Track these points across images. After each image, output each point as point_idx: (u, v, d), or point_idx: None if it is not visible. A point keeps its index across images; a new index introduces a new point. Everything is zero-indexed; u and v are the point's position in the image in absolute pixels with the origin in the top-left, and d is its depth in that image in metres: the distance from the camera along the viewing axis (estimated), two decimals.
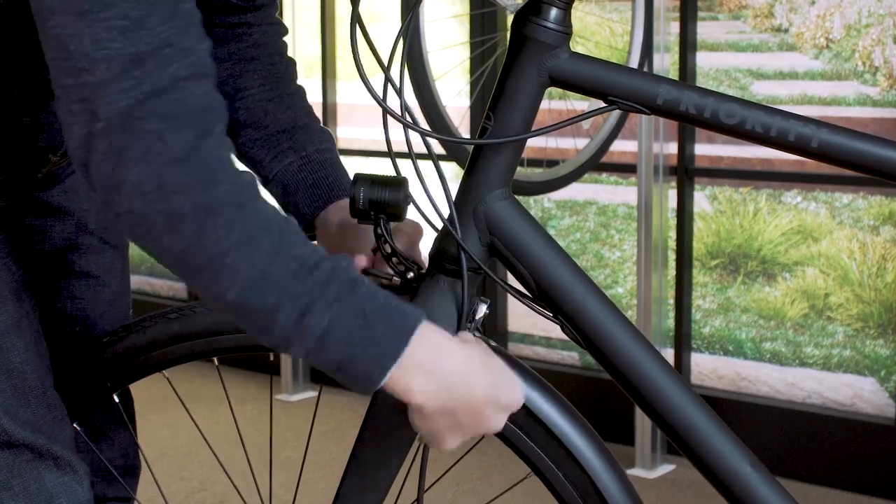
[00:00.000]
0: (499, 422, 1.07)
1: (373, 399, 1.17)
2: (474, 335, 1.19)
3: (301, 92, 1.38)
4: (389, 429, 1.17)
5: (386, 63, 1.16)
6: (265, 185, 1.32)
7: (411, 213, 1.19)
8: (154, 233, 0.94)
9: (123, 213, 0.94)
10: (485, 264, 1.14)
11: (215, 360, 1.27)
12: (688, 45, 3.07)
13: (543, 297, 1.17)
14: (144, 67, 0.93)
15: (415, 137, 1.14)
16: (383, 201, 1.14)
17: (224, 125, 0.96)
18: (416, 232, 1.25)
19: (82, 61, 0.93)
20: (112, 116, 0.93)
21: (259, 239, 0.95)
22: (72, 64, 0.93)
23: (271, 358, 1.33)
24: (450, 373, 1.03)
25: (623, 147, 3.16)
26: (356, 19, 1.15)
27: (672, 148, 3.10)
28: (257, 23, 1.36)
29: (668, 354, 3.15)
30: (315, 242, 1.33)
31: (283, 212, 0.99)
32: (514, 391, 1.08)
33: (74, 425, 1.28)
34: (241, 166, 0.97)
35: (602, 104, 1.15)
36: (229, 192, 0.94)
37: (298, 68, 1.42)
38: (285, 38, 1.40)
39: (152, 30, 0.94)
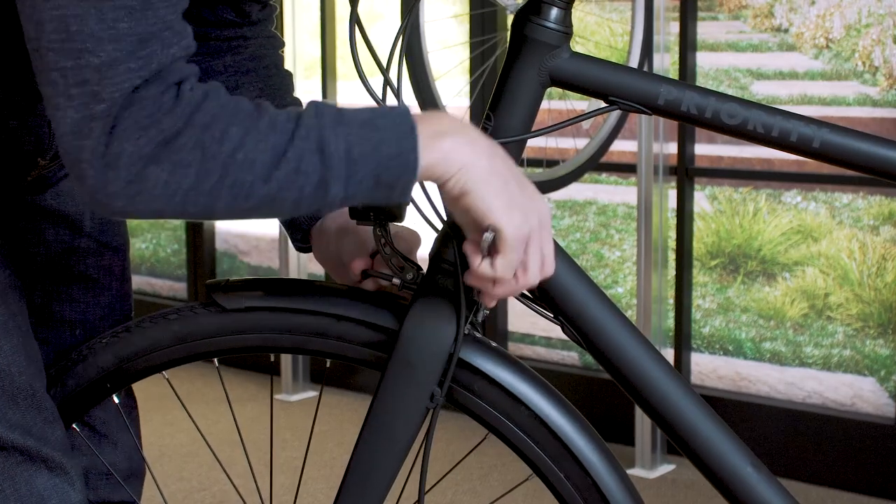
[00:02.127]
0: (540, 196, 1.08)
1: (373, 399, 1.17)
2: (474, 336, 1.19)
3: (297, 104, 1.38)
4: (390, 429, 1.17)
5: (385, 63, 1.16)
6: None
7: (410, 214, 1.19)
8: (159, 188, 0.96)
9: (122, 188, 0.96)
10: None
11: (215, 360, 1.27)
12: (688, 45, 3.07)
13: (544, 297, 1.17)
14: (150, 48, 0.95)
15: None
16: None
17: (197, 78, 1.01)
18: (415, 239, 1.26)
19: (87, 42, 0.93)
20: (117, 97, 0.94)
21: (254, 123, 0.99)
22: (73, 45, 0.94)
23: (272, 358, 1.33)
24: (465, 128, 1.05)
25: (623, 147, 3.16)
26: (355, 20, 1.15)
27: (672, 148, 3.10)
28: (253, 36, 1.37)
29: (668, 354, 3.15)
30: (311, 253, 1.35)
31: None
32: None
33: (74, 427, 1.28)
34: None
35: (602, 104, 1.15)
36: (215, 104, 0.98)
37: (298, 68, 1.43)
38: (282, 51, 1.42)
39: (157, 11, 0.95)
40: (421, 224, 1.24)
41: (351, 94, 3.70)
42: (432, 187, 1.10)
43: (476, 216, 1.05)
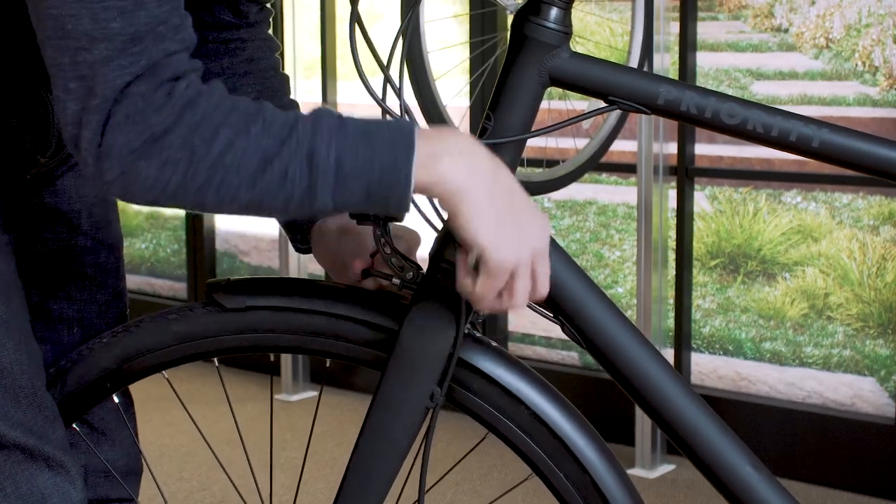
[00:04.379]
0: (542, 225, 1.06)
1: (373, 399, 1.17)
2: (474, 336, 1.19)
3: (295, 106, 1.39)
4: (390, 429, 1.17)
5: (385, 63, 1.16)
6: None
7: (410, 213, 1.19)
8: (150, 181, 0.99)
9: (116, 177, 0.99)
10: None
11: (215, 360, 1.27)
12: (688, 45, 3.07)
13: None
14: (142, 45, 0.97)
15: None
16: None
17: (198, 76, 1.02)
18: (414, 239, 1.26)
19: (81, 40, 0.97)
20: (108, 93, 0.97)
21: (246, 125, 1.00)
22: (69, 43, 0.97)
23: (272, 358, 1.33)
24: (469, 150, 1.04)
25: (623, 147, 3.16)
26: (355, 19, 1.16)
27: (672, 148, 3.10)
28: (250, 38, 1.38)
29: (668, 354, 3.15)
30: (311, 253, 1.35)
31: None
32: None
33: (74, 426, 1.28)
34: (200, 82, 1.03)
35: (602, 104, 1.15)
36: (207, 104, 0.99)
37: (298, 68, 1.44)
38: (278, 54, 1.43)
39: (150, 10, 0.98)
40: (421, 224, 1.24)
41: (351, 94, 3.70)
42: None
43: (462, 239, 1.05)
